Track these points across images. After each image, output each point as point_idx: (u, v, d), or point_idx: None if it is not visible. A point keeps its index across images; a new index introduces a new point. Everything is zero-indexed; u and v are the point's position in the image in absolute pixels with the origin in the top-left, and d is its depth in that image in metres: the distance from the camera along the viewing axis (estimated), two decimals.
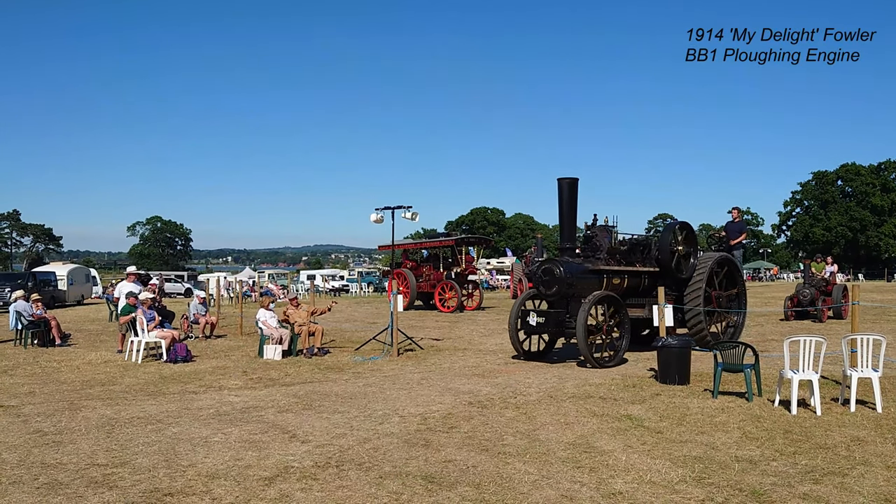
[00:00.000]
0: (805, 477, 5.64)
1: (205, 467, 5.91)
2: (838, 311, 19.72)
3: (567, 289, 12.00)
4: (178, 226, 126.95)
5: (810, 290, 19.82)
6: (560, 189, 12.61)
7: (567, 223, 12.67)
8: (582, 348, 11.45)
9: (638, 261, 13.47)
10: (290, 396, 9.15)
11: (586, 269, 12.40)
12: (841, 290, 20.21)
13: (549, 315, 12.17)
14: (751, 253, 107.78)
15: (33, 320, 15.45)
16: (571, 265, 12.18)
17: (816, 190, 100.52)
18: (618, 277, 12.86)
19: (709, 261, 13.69)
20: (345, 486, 5.41)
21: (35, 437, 7.01)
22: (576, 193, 12.65)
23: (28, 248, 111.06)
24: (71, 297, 34.29)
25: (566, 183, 12.58)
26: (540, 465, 5.96)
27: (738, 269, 14.90)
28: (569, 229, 12.67)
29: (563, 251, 12.60)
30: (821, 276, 20.62)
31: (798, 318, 19.67)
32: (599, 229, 13.34)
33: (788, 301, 20.15)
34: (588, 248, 13.15)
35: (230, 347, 15.11)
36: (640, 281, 13.38)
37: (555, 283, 12.05)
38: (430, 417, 7.77)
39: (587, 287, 12.13)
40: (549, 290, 12.13)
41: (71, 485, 5.47)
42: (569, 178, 12.61)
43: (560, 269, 11.97)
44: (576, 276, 12.11)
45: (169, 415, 8.01)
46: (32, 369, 11.97)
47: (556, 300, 12.26)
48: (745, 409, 8.08)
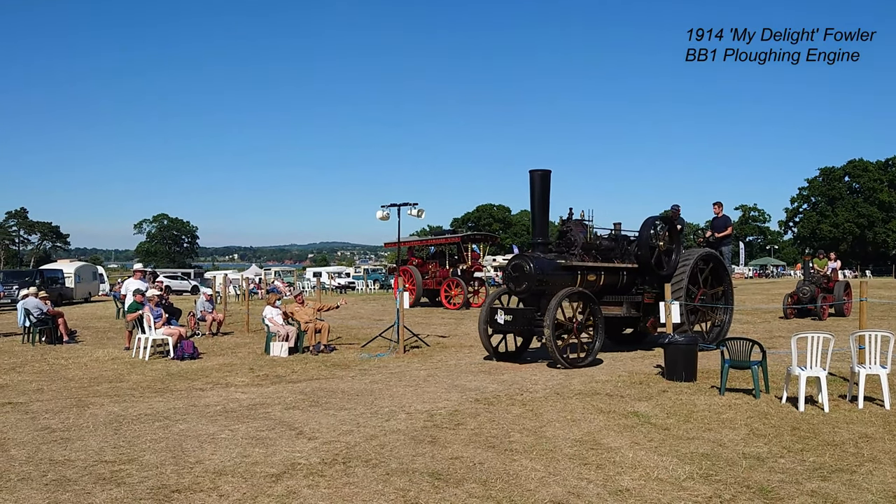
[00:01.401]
0: (813, 474, 5.62)
1: (212, 464, 5.92)
2: (840, 308, 19.37)
3: (537, 286, 11.50)
4: (185, 223, 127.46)
5: (810, 288, 19.29)
6: (532, 182, 12.07)
7: (539, 217, 12.23)
8: (550, 348, 10.96)
9: (616, 257, 13.02)
10: (296, 393, 9.17)
11: (558, 265, 11.85)
12: (843, 287, 19.78)
13: (516, 313, 11.70)
14: (757, 249, 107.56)
15: (42, 317, 15.50)
16: (542, 261, 11.69)
17: (824, 186, 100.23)
18: (593, 274, 12.37)
19: (692, 257, 13.23)
20: (352, 483, 5.41)
21: (43, 433, 7.04)
22: (548, 186, 12.13)
23: (36, 246, 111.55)
24: (78, 294, 34.48)
25: (538, 175, 12.04)
26: (547, 462, 5.95)
27: (724, 266, 14.40)
28: (540, 224, 12.22)
29: (535, 246, 12.10)
30: (822, 273, 20.15)
31: (799, 315, 19.24)
32: (574, 224, 12.77)
33: (788, 298, 19.61)
34: (562, 243, 12.63)
35: (237, 344, 15.15)
36: (619, 278, 12.90)
37: (524, 279, 11.56)
38: (437, 414, 7.77)
39: (559, 284, 11.63)
40: (519, 287, 11.68)
41: (79, 481, 5.49)
42: (540, 170, 12.07)
43: (530, 266, 11.47)
44: (547, 273, 11.60)
45: (176, 411, 8.03)
46: (40, 366, 12.02)
47: (527, 298, 11.85)
48: (753, 406, 8.05)
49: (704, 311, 13.52)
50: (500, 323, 11.76)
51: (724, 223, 16.36)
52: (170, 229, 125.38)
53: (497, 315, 11.77)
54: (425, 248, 30.79)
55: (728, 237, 16.20)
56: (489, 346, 12.14)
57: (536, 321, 11.43)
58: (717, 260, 14.02)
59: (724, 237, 15.98)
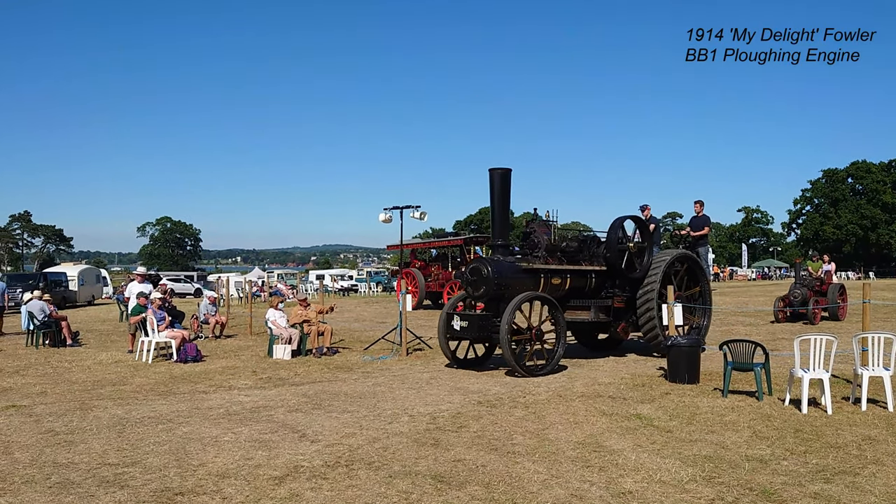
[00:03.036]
0: (816, 476, 5.62)
1: (215, 467, 5.93)
2: (834, 312, 18.76)
3: (496, 290, 10.98)
4: (188, 226, 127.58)
5: (802, 291, 18.70)
6: (491, 181, 11.51)
7: (499, 218, 11.62)
8: (506, 355, 10.43)
9: (585, 259, 12.46)
10: (299, 396, 9.18)
11: (519, 268, 11.33)
12: (837, 289, 19.18)
13: (472, 319, 11.05)
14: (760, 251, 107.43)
15: (45, 320, 15.53)
16: (502, 264, 11.18)
17: (827, 188, 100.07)
18: (558, 277, 11.82)
19: (665, 258, 12.63)
20: (354, 486, 5.42)
21: (47, 436, 7.05)
22: (508, 186, 11.57)
23: (39, 249, 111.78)
24: (82, 297, 34.50)
25: (497, 174, 11.47)
26: (549, 465, 5.95)
27: (701, 267, 13.79)
28: (500, 225, 11.63)
29: (495, 249, 11.61)
30: (815, 276, 19.56)
31: (791, 319, 18.71)
32: (538, 225, 12.18)
33: (779, 301, 19.07)
34: (526, 245, 12.08)
35: (240, 347, 15.16)
36: (586, 281, 12.35)
37: (482, 283, 11.05)
38: (440, 417, 7.78)
39: (520, 288, 11.09)
40: (477, 291, 11.18)
41: (83, 484, 5.50)
42: (500, 168, 11.50)
43: (488, 269, 10.97)
44: (506, 277, 11.07)
45: (179, 414, 8.05)
46: (44, 369, 12.04)
47: (486, 303, 11.34)
48: (756, 408, 8.05)
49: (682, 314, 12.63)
50: (456, 329, 11.21)
51: (702, 222, 15.49)
52: (173, 232, 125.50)
53: (454, 321, 11.22)
54: (428, 250, 30.82)
55: (705, 237, 15.32)
56: (448, 352, 11.57)
57: (494, 327, 10.85)
58: (693, 261, 13.48)
59: (701, 237, 15.16)
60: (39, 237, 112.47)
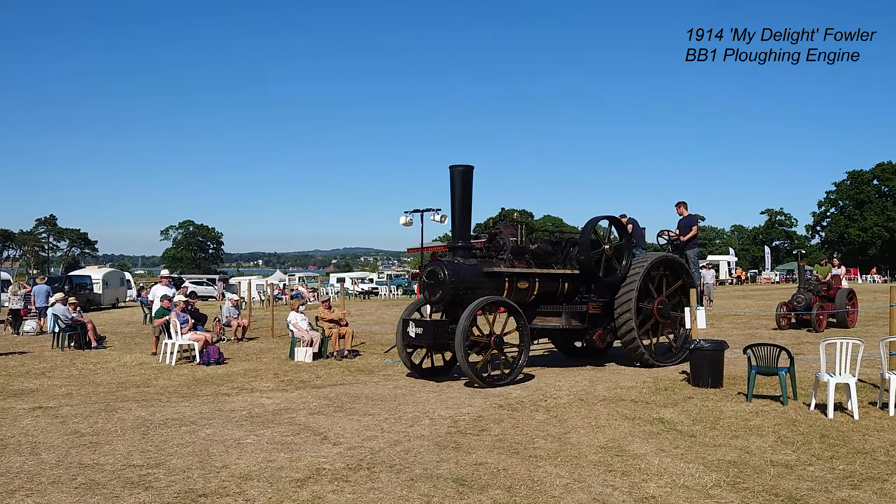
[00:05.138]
0: (843, 482, 5.54)
1: (238, 468, 5.97)
2: (843, 318, 17.51)
3: (454, 295, 10.34)
4: (210, 229, 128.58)
5: (806, 296, 17.55)
6: (451, 179, 10.79)
7: (459, 219, 10.89)
8: (462, 364, 9.87)
9: (558, 262, 11.78)
10: (321, 399, 9.22)
11: (480, 271, 10.65)
12: (845, 294, 17.94)
13: (427, 326, 10.46)
14: (784, 254, 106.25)
15: (70, 323, 15.75)
16: (461, 267, 10.53)
17: (852, 189, 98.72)
18: (525, 281, 11.14)
19: (645, 262, 11.84)
20: (376, 489, 5.43)
21: (73, 437, 7.14)
22: (470, 184, 10.86)
23: (65, 253, 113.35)
24: (106, 300, 34.92)
25: (458, 171, 10.77)
26: (571, 469, 5.92)
27: (687, 271, 12.83)
28: (461, 226, 10.91)
29: (455, 251, 10.92)
30: (821, 280, 18.44)
31: (795, 326, 17.66)
32: (504, 225, 11.48)
33: (783, 307, 17.83)
34: (492, 247, 11.41)
35: (261, 350, 15.26)
36: (558, 285, 11.64)
37: (438, 287, 10.41)
38: (461, 420, 7.77)
39: (482, 293, 10.44)
40: (434, 296, 10.54)
41: (108, 485, 5.56)
42: (462, 165, 10.82)
43: (445, 272, 10.33)
44: (466, 281, 10.43)
45: (202, 416, 8.11)
46: (69, 371, 12.19)
47: (445, 308, 10.67)
48: (781, 413, 7.96)
49: (666, 323, 12.18)
50: (411, 336, 10.63)
51: (689, 223, 14.04)
52: (195, 235, 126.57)
53: (409, 327, 10.65)
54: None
55: (694, 239, 14.05)
56: (407, 360, 11.04)
57: (450, 334, 10.22)
58: (678, 265, 12.64)
59: (691, 239, 13.94)
60: (65, 241, 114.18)
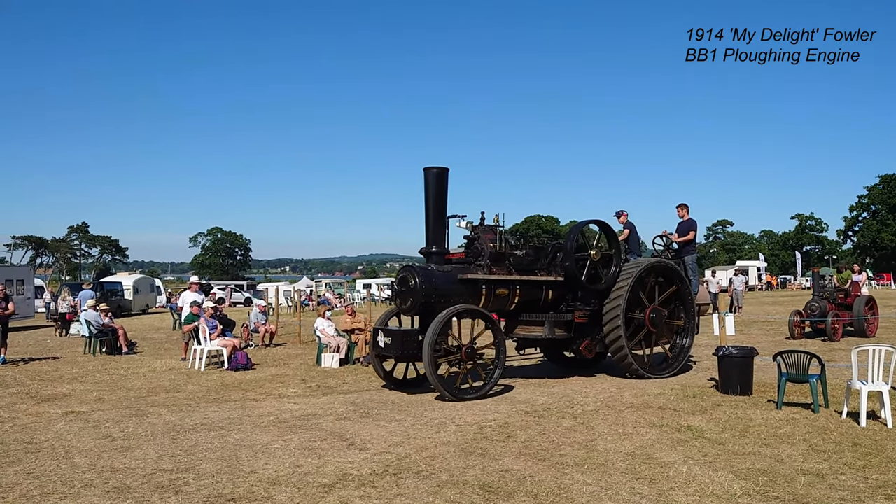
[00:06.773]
0: (876, 492, 5.45)
1: (266, 473, 6.03)
2: (860, 326, 16.71)
3: (426, 303, 9.94)
4: (238, 236, 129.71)
5: (821, 304, 16.81)
6: (425, 182, 10.37)
7: (433, 223, 10.43)
8: (430, 376, 9.49)
9: (542, 269, 11.26)
10: (347, 404, 9.26)
11: (455, 278, 10.22)
12: (864, 302, 17.04)
13: (396, 335, 10.07)
14: (815, 259, 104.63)
15: (101, 328, 16.01)
16: (433, 274, 10.12)
17: (885, 193, 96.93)
18: (504, 288, 10.69)
19: (635, 268, 11.31)
20: (402, 494, 5.45)
21: (104, 442, 7.26)
22: (444, 187, 10.44)
23: (96, 259, 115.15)
24: (136, 306, 35.45)
25: (433, 174, 10.34)
26: (598, 476, 5.89)
27: (681, 276, 12.13)
28: (434, 230, 10.44)
29: (429, 257, 10.44)
30: (839, 287, 17.73)
31: (810, 335, 16.98)
32: (482, 230, 10.96)
33: (796, 315, 17.00)
34: (470, 253, 10.98)
35: (289, 356, 15.37)
36: (541, 293, 11.13)
37: (409, 295, 10.02)
38: (487, 426, 7.77)
39: (457, 301, 10.04)
40: (405, 304, 10.19)
41: (139, 489, 5.64)
42: (436, 167, 10.37)
43: (416, 279, 9.93)
44: (437, 288, 10.01)
45: (231, 421, 8.20)
46: (101, 376, 12.39)
47: (419, 317, 10.29)
48: (811, 421, 7.84)
49: (660, 332, 11.68)
50: (380, 346, 10.33)
51: (688, 228, 13.23)
52: (224, 242, 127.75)
53: (378, 337, 10.35)
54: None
55: (691, 243, 13.26)
56: (380, 370, 10.78)
57: (419, 345, 9.77)
58: (672, 270, 11.99)
59: (685, 243, 13.14)
60: (96, 248, 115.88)
